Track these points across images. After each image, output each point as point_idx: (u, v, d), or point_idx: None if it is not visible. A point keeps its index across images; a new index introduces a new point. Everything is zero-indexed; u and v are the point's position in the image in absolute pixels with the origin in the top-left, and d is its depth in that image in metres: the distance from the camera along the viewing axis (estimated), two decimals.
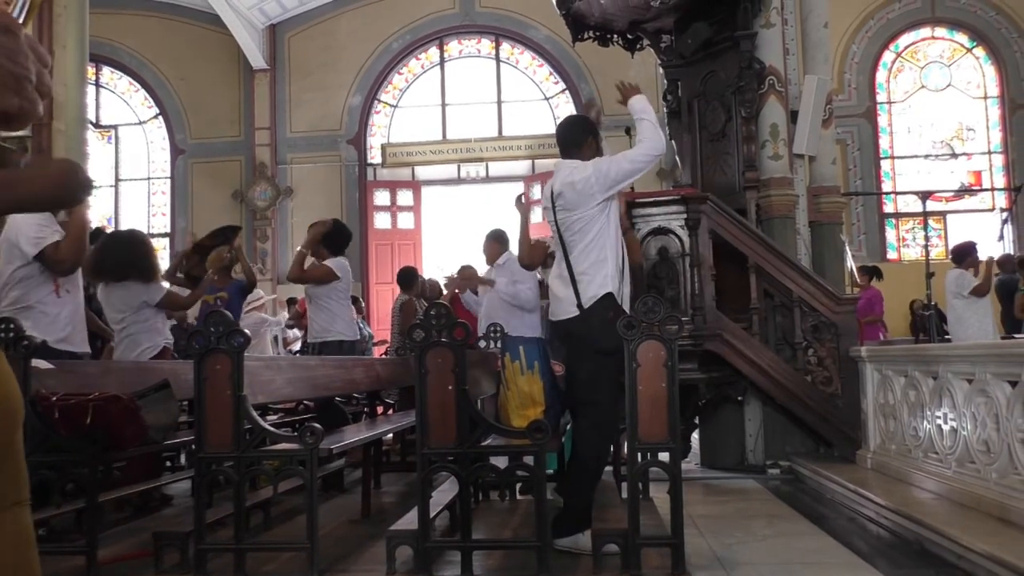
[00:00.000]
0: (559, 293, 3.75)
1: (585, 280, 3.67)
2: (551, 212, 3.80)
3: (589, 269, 3.68)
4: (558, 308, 3.76)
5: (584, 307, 3.65)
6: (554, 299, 3.81)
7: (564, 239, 3.73)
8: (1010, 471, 3.73)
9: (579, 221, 3.70)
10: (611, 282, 3.71)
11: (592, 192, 3.68)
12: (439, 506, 3.41)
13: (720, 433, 6.43)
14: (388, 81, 14.27)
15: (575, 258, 3.70)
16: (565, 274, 3.72)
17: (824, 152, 7.12)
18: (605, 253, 3.73)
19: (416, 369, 3.09)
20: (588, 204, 3.68)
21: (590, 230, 3.70)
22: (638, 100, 3.94)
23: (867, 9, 13.28)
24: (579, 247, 3.70)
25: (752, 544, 3.93)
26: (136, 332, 4.74)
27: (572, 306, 3.69)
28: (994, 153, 13.25)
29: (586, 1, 6.65)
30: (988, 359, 4.00)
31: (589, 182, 3.67)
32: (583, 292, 3.66)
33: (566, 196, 3.70)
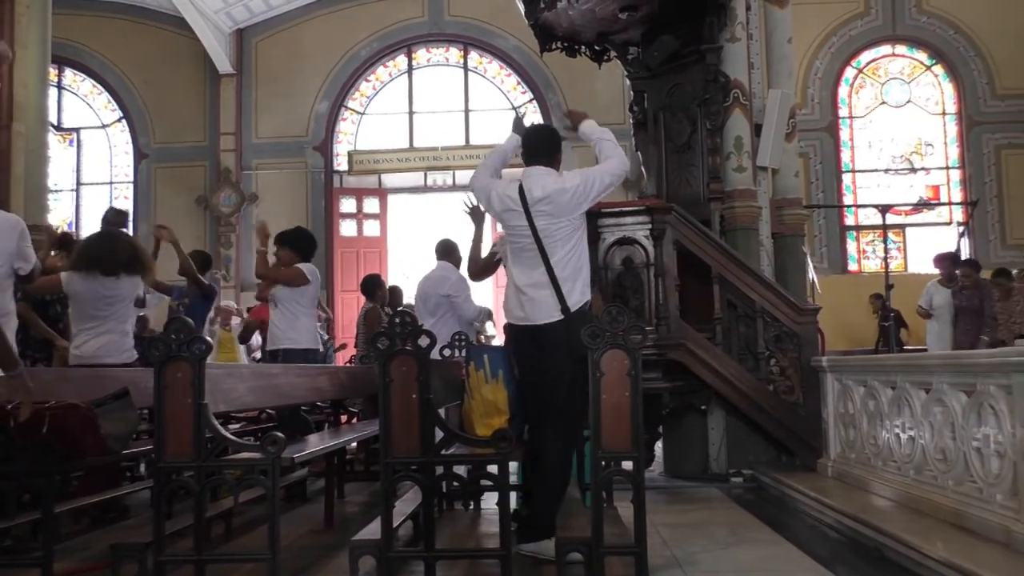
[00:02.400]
0: (537, 297, 3.75)
1: (568, 285, 3.73)
2: (523, 216, 3.78)
3: (572, 275, 3.75)
4: (535, 312, 3.75)
5: (570, 311, 3.69)
6: (529, 304, 3.77)
7: (544, 244, 3.74)
8: (966, 478, 3.80)
9: (564, 228, 3.76)
10: (588, 291, 3.83)
11: (580, 201, 3.79)
12: (403, 516, 3.39)
13: (684, 442, 6.48)
14: (355, 88, 14.23)
15: (557, 263, 3.73)
16: (544, 280, 3.73)
17: (787, 165, 7.22)
18: (583, 261, 3.85)
19: (380, 377, 3.07)
20: (574, 212, 3.78)
21: (572, 237, 3.78)
22: (588, 125, 4.03)
23: (830, 26, 13.50)
24: (560, 253, 3.75)
25: (715, 552, 3.96)
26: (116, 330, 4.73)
27: (554, 311, 3.70)
28: (951, 168, 13.53)
29: (554, 12, 6.69)
30: (944, 369, 4.07)
31: (578, 191, 3.76)
32: (568, 296, 3.71)
33: (556, 202, 3.74)
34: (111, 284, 4.69)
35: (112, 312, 4.73)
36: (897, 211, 12.83)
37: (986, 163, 13.22)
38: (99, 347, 4.66)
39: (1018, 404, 3.31)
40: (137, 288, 4.95)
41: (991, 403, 3.56)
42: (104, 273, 4.66)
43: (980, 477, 3.66)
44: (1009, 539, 3.31)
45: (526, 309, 3.79)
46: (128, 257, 4.77)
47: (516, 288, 3.86)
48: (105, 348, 4.67)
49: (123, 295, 4.79)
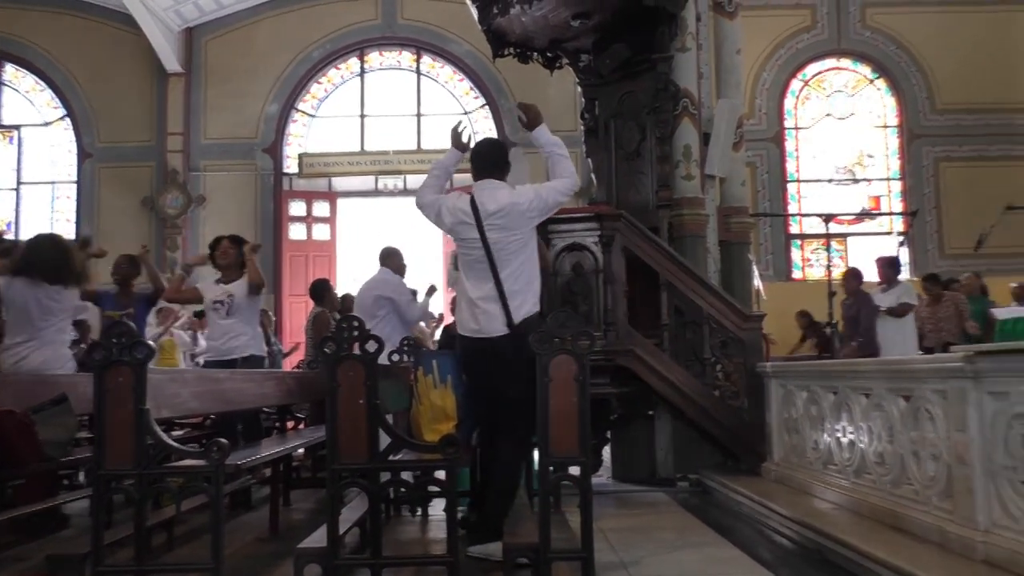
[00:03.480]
0: (487, 310, 3.78)
1: (518, 299, 3.78)
2: (475, 229, 3.81)
3: (522, 289, 3.81)
4: (486, 324, 3.79)
5: (516, 325, 3.73)
6: (483, 316, 3.81)
7: (495, 257, 3.78)
8: (903, 481, 3.90)
9: (516, 241, 3.81)
10: (538, 302, 3.88)
11: (533, 216, 3.86)
12: (349, 523, 3.36)
13: (631, 447, 6.53)
14: (306, 90, 14.09)
15: (506, 277, 3.78)
16: (494, 293, 3.77)
17: (734, 174, 7.35)
18: (534, 273, 3.90)
19: (327, 383, 3.04)
20: (527, 226, 3.85)
21: (523, 251, 3.84)
22: (542, 132, 4.03)
23: (777, 38, 13.76)
24: (512, 266, 3.80)
25: (661, 556, 4.00)
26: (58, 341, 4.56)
27: (503, 324, 3.75)
28: (892, 179, 13.87)
29: (507, 18, 6.71)
30: (883, 375, 4.18)
31: (532, 205, 3.82)
32: (515, 310, 3.76)
33: (509, 215, 3.79)
34: (55, 293, 4.44)
35: (52, 323, 4.48)
36: (840, 220, 13.09)
37: (925, 175, 13.59)
38: (42, 362, 4.45)
39: (952, 409, 3.40)
40: (76, 298, 4.75)
41: (927, 408, 3.66)
42: (51, 281, 4.42)
43: (917, 480, 3.76)
44: (944, 539, 3.40)
45: (480, 321, 3.83)
46: (77, 265, 4.60)
47: (470, 300, 3.88)
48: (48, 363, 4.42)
49: (66, 305, 4.58)
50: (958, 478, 3.36)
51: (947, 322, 8.11)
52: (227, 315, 5.79)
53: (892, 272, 8.16)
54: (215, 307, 5.84)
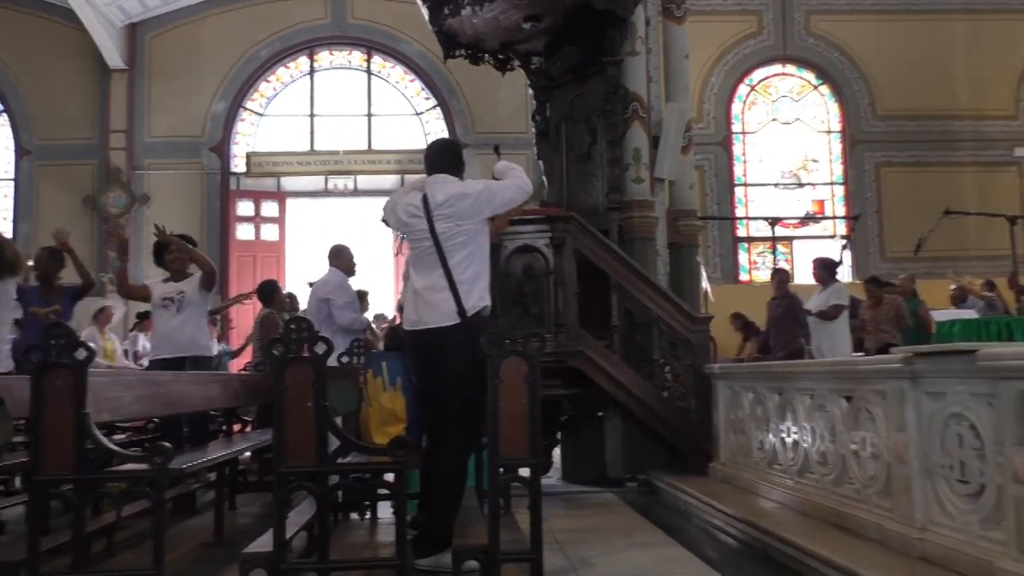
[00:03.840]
0: (433, 301, 3.74)
1: (465, 290, 3.74)
2: (425, 220, 3.79)
3: (469, 279, 3.78)
4: (430, 316, 3.74)
5: (467, 315, 3.69)
6: (425, 307, 3.76)
7: (443, 247, 3.76)
8: (845, 480, 3.98)
9: (464, 233, 3.79)
10: (487, 296, 3.85)
11: (482, 208, 3.84)
12: (296, 526, 3.32)
13: (581, 448, 6.57)
14: (255, 88, 13.89)
15: (454, 266, 3.75)
16: (441, 283, 3.73)
17: (683, 177, 7.43)
18: (482, 267, 3.87)
19: (275, 385, 3.00)
20: (475, 218, 3.83)
21: (471, 243, 3.81)
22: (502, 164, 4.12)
23: (725, 44, 13.96)
24: (459, 256, 3.77)
25: (610, 556, 4.03)
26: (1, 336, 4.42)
27: (451, 314, 3.70)
28: (836, 184, 14.17)
29: (458, 19, 6.70)
30: (826, 376, 4.26)
31: (481, 197, 3.83)
32: (465, 299, 3.72)
33: (457, 205, 3.78)
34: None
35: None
36: (785, 224, 13.36)
37: (867, 180, 13.91)
38: None
39: (892, 409, 3.49)
40: (12, 291, 4.62)
41: (868, 408, 3.75)
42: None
43: (858, 479, 3.84)
44: (883, 537, 3.48)
45: (421, 312, 3.79)
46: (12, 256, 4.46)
47: (413, 292, 3.86)
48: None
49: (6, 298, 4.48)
50: (897, 477, 3.45)
51: (887, 324, 8.29)
52: (177, 312, 5.66)
53: (826, 273, 8.24)
54: (165, 304, 5.69)
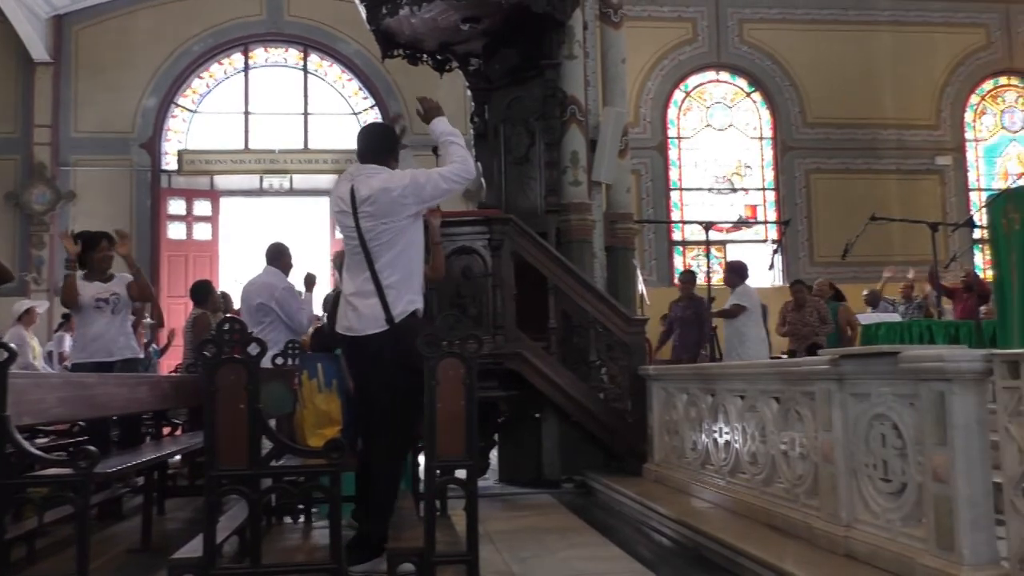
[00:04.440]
0: (360, 306, 3.55)
1: (394, 294, 3.52)
2: (351, 217, 3.56)
3: (398, 283, 3.53)
4: (359, 323, 3.56)
5: (395, 322, 3.50)
6: (353, 314, 3.58)
7: (369, 248, 3.52)
8: (774, 480, 4.08)
9: (388, 231, 3.53)
10: (418, 299, 3.63)
11: (407, 203, 3.55)
12: (228, 531, 3.25)
13: (519, 450, 6.59)
14: (187, 85, 13.59)
15: (381, 269, 3.51)
16: (368, 287, 3.52)
17: (620, 181, 7.52)
18: (412, 268, 3.63)
19: (206, 386, 2.94)
20: (400, 214, 3.54)
21: (398, 242, 3.55)
22: (441, 122, 3.81)
23: (661, 50, 14.17)
24: (386, 258, 3.53)
25: (545, 557, 4.05)
26: None
27: (379, 321, 3.51)
28: (767, 189, 14.50)
29: (396, 19, 6.67)
30: (757, 377, 4.36)
31: (406, 191, 3.53)
32: (393, 305, 3.51)
33: (379, 202, 3.51)
34: None
35: None
36: (719, 228, 13.62)
37: (797, 186, 14.26)
38: None
39: (820, 410, 3.58)
40: None
41: (797, 409, 3.84)
42: None
43: (787, 478, 3.94)
44: (811, 535, 3.57)
45: (350, 319, 3.60)
46: None
47: (344, 297, 3.67)
48: None
49: None
50: (824, 476, 3.54)
51: (811, 327, 8.49)
52: (112, 314, 5.52)
53: (735, 276, 8.35)
54: (99, 305, 5.51)
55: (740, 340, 7.85)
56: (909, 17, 14.52)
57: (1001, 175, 14.76)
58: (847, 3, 14.39)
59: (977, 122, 14.99)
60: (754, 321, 7.98)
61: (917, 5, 14.54)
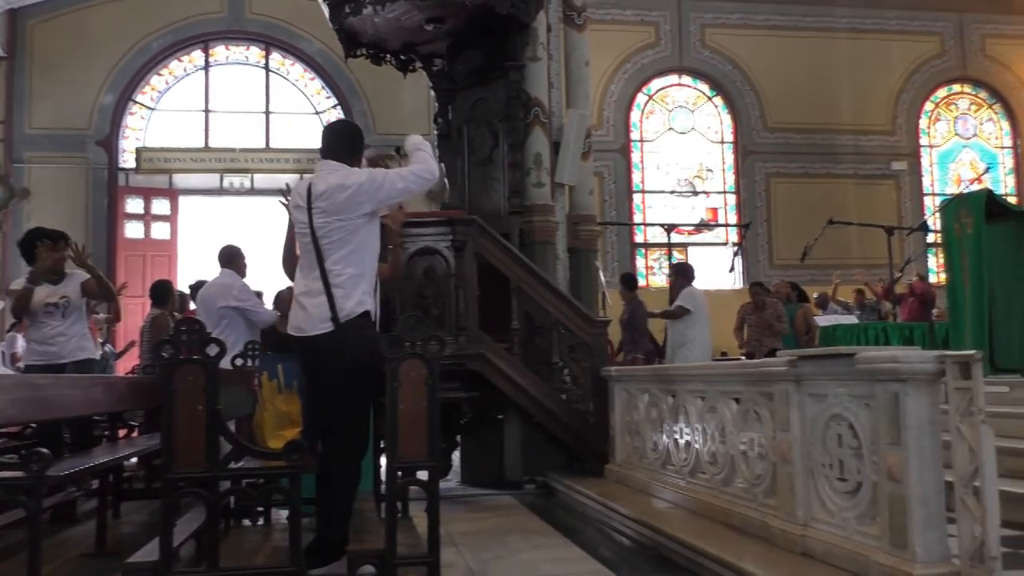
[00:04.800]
0: (307, 305, 3.47)
1: (341, 293, 3.43)
2: (305, 212, 3.50)
3: (347, 282, 3.45)
4: (306, 323, 3.48)
5: (341, 322, 3.42)
6: (302, 313, 3.50)
7: (320, 245, 3.44)
8: (733, 479, 4.12)
9: (340, 229, 3.46)
10: (368, 300, 3.55)
11: (361, 200, 3.48)
12: (185, 534, 3.21)
13: (481, 451, 6.58)
14: (146, 82, 13.38)
15: (331, 267, 3.43)
16: (317, 286, 3.45)
17: (583, 183, 7.55)
18: (364, 268, 3.55)
19: (163, 388, 2.90)
20: (353, 212, 3.47)
21: (350, 241, 3.48)
22: (413, 138, 3.79)
23: (624, 53, 14.27)
24: (336, 256, 3.45)
25: (507, 558, 4.05)
26: None
27: (325, 321, 3.43)
28: (728, 193, 14.68)
29: (359, 18, 6.63)
30: (717, 378, 4.40)
31: (361, 189, 3.47)
32: (340, 306, 3.42)
33: (333, 198, 3.44)
34: None
35: None
36: (681, 231, 13.74)
37: (758, 189, 14.45)
38: None
39: (778, 410, 3.63)
40: None
41: (756, 410, 3.88)
42: None
43: (746, 478, 3.98)
44: (768, 534, 3.62)
45: (299, 319, 3.52)
46: None
47: (295, 295, 3.59)
48: None
49: None
50: (781, 475, 3.59)
51: (771, 328, 8.59)
52: (63, 318, 5.44)
53: (679, 278, 8.35)
54: (49, 310, 5.43)
55: (682, 342, 7.79)
56: (866, 25, 14.79)
57: (954, 180, 15.09)
58: (806, 10, 14.62)
59: (931, 128, 15.32)
60: (698, 323, 7.86)
61: (874, 13, 14.82)
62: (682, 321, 7.84)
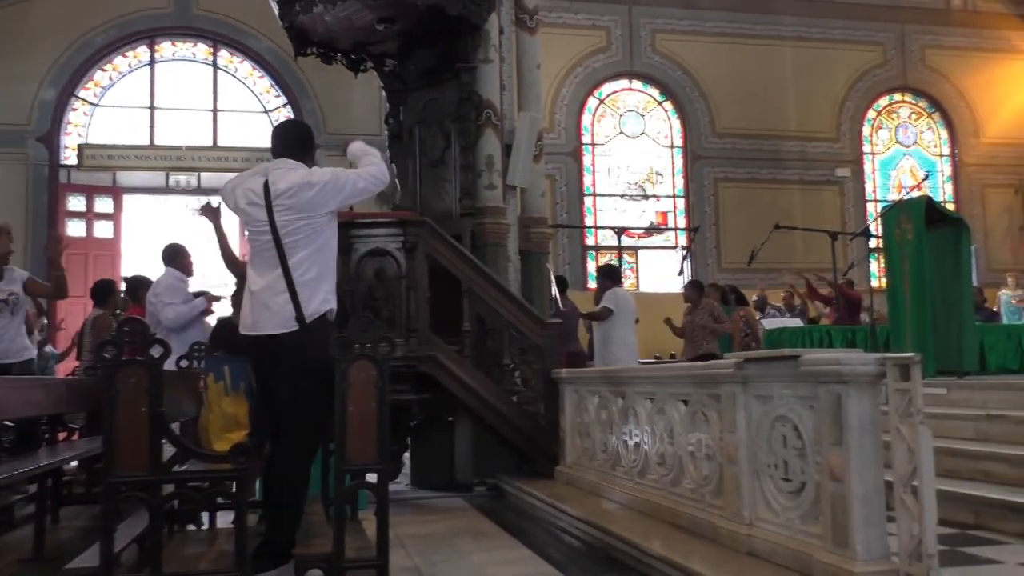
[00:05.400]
0: (270, 304, 3.43)
1: (307, 292, 3.40)
2: (264, 210, 3.44)
3: (311, 282, 3.43)
4: (268, 322, 3.43)
5: (307, 322, 3.39)
6: (262, 311, 3.45)
7: (283, 244, 3.40)
8: (681, 480, 4.17)
9: (306, 227, 3.44)
10: (332, 300, 3.54)
11: (327, 199, 3.48)
12: (127, 539, 3.14)
13: (431, 453, 6.56)
14: (89, 77, 13.07)
15: (296, 265, 3.40)
16: (280, 284, 3.41)
17: (535, 185, 7.58)
18: (327, 268, 3.54)
19: (105, 389, 2.83)
20: (319, 210, 3.47)
21: (315, 240, 3.47)
22: (357, 145, 3.81)
23: (576, 57, 14.36)
24: (301, 255, 3.42)
25: (456, 561, 4.04)
26: None
27: (289, 320, 3.39)
28: (678, 197, 14.85)
29: (310, 16, 6.56)
30: (666, 380, 4.45)
31: (327, 187, 3.46)
32: (306, 304, 3.40)
33: (299, 195, 3.41)
34: None
35: None
36: (631, 234, 13.88)
37: (706, 194, 14.66)
38: None
39: (725, 411, 3.68)
40: None
41: (704, 411, 3.94)
42: None
43: (693, 478, 4.03)
44: (715, 534, 3.67)
45: (257, 316, 3.47)
46: None
47: (251, 293, 3.53)
48: None
49: None
50: (728, 476, 3.64)
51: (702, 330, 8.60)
52: (12, 315, 5.31)
53: (604, 280, 8.40)
54: None
55: (606, 344, 7.81)
56: (811, 33, 15.10)
57: (895, 187, 15.49)
58: (754, 18, 14.87)
59: (874, 136, 15.70)
60: (622, 325, 7.84)
61: (819, 22, 15.14)
62: (607, 322, 7.83)
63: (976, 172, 15.61)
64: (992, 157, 15.62)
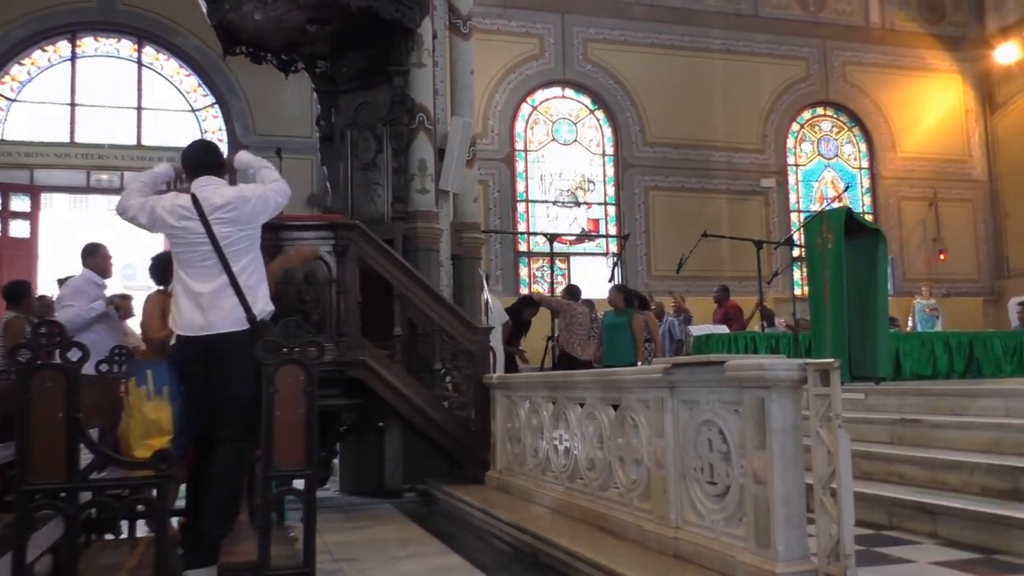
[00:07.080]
0: (223, 306, 3.58)
1: (252, 295, 3.64)
2: (199, 224, 3.61)
3: (255, 285, 3.69)
4: (222, 321, 3.57)
5: (257, 320, 3.60)
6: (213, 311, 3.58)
7: (226, 253, 3.62)
8: (610, 485, 4.22)
9: (246, 238, 3.70)
10: (270, 304, 3.77)
11: (259, 213, 3.76)
12: (41, 549, 3.03)
13: (361, 459, 6.50)
14: (5, 71, 12.58)
15: (240, 271, 3.64)
16: (227, 289, 3.60)
17: (467, 190, 7.59)
18: (263, 272, 3.82)
19: (19, 394, 2.73)
20: (255, 222, 3.76)
21: (252, 248, 3.75)
22: (245, 155, 4.08)
23: (509, 63, 14.41)
24: (243, 261, 3.67)
25: (385, 567, 4.01)
26: None
27: (241, 319, 3.58)
28: (609, 204, 15.03)
29: (239, 15, 6.45)
30: (596, 386, 4.50)
31: (259, 202, 3.74)
32: (253, 305, 3.63)
33: (240, 209, 3.67)
34: None
35: None
36: (563, 240, 13.98)
37: (637, 202, 14.86)
38: None
39: (653, 416, 3.74)
40: None
41: (633, 416, 3.99)
42: None
43: (622, 483, 4.08)
44: (643, 537, 3.72)
45: (209, 316, 3.59)
46: None
47: (195, 295, 3.63)
48: None
49: None
50: (656, 480, 3.69)
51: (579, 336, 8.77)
52: None
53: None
54: None
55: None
56: (738, 47, 15.46)
57: (817, 198, 15.95)
58: (684, 30, 15.14)
59: (797, 148, 16.14)
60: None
61: (745, 36, 15.51)
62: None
63: (893, 185, 16.18)
64: (908, 171, 16.22)
